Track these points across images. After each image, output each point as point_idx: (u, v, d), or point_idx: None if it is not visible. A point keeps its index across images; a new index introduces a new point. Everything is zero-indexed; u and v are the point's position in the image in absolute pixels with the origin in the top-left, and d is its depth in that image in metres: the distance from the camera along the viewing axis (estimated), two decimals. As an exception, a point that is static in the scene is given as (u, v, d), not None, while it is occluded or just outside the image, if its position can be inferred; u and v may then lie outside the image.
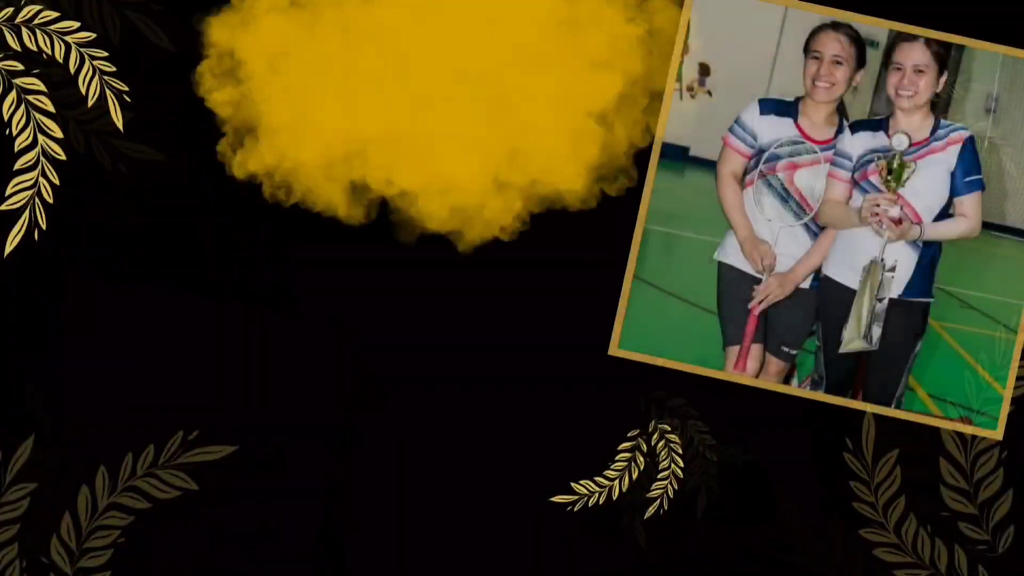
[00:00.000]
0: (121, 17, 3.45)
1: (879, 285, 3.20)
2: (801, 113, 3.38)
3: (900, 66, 3.20)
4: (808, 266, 3.40)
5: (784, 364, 3.50)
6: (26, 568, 3.30)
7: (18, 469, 3.32)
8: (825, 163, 3.34)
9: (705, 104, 3.33)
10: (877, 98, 3.37)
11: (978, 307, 3.29)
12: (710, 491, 3.46)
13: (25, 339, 3.36)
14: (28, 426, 3.35)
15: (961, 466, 3.43)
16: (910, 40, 3.19)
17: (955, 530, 3.44)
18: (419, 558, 3.42)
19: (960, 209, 3.22)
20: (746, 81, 3.32)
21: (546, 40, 3.29)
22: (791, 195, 3.39)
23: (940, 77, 3.21)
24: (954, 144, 3.21)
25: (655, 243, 3.36)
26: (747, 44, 3.31)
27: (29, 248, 3.36)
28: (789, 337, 3.47)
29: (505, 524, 3.45)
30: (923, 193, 3.21)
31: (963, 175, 3.20)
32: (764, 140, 3.38)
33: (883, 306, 3.22)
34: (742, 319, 3.40)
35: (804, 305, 3.43)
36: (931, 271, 3.27)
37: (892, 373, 3.33)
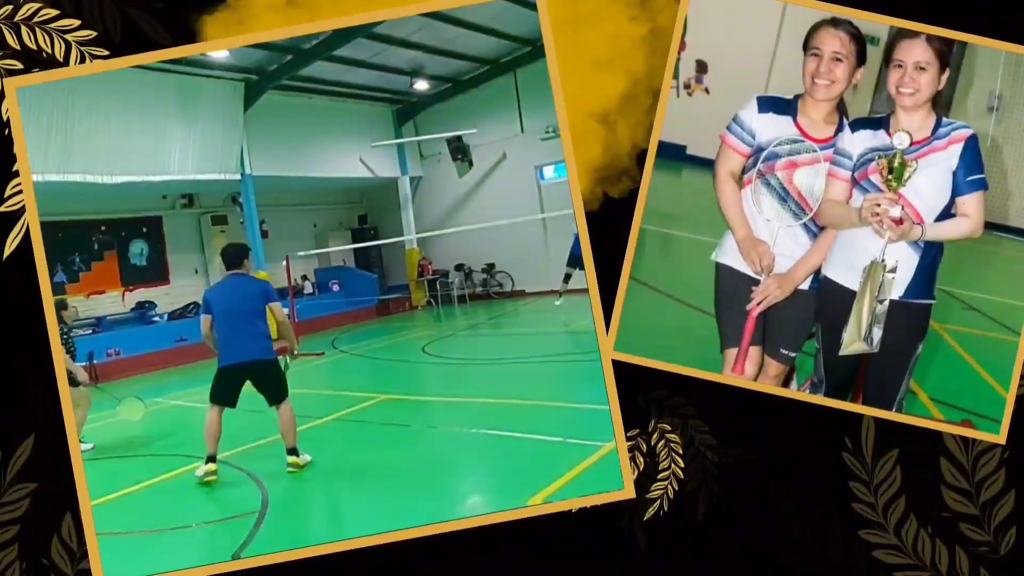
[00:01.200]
0: (122, 15, 3.51)
1: (880, 286, 3.17)
2: (800, 111, 3.36)
3: (901, 63, 3.16)
4: (807, 267, 3.39)
5: (783, 366, 3.51)
6: (26, 570, 3.37)
7: (18, 469, 3.39)
8: (825, 162, 3.32)
9: (703, 102, 3.33)
10: (878, 96, 3.36)
11: (980, 309, 3.29)
12: (710, 491, 3.48)
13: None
14: (28, 426, 3.43)
15: (962, 466, 3.43)
16: (911, 37, 3.15)
17: (956, 531, 3.45)
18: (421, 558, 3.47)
19: (962, 209, 3.18)
20: (744, 78, 3.31)
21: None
22: (790, 194, 3.38)
23: (942, 74, 3.17)
24: (956, 143, 3.18)
25: (652, 244, 3.37)
26: (745, 41, 3.31)
27: (29, 248, 3.43)
28: (788, 339, 3.47)
29: (505, 525, 3.49)
30: (924, 193, 3.18)
31: (965, 174, 3.16)
32: (763, 138, 3.36)
33: (884, 308, 3.19)
34: (740, 321, 3.39)
35: (803, 306, 3.43)
36: (932, 272, 3.24)
37: (893, 376, 3.31)
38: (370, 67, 15.27)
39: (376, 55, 14.71)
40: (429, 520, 3.40)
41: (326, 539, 3.43)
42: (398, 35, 13.94)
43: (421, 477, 5.32)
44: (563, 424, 5.98)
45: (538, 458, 5.25)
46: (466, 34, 14.32)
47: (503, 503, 4.66)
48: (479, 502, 4.78)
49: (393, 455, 6.09)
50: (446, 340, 12.84)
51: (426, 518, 3.41)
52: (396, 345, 12.91)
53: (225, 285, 6.02)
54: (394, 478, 5.36)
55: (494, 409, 7.09)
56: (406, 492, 4.98)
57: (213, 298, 5.96)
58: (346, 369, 11.15)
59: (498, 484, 5.12)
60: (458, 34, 14.24)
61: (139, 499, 5.61)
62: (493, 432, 6.13)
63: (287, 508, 5.06)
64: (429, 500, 4.80)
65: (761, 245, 3.35)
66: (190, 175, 13.82)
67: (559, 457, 4.99)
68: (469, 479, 5.19)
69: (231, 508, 5.13)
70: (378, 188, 18.44)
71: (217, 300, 5.93)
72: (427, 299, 17.51)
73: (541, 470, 4.79)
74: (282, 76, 14.50)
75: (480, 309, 16.07)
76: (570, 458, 4.83)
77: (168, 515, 5.09)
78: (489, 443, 5.97)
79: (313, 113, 16.02)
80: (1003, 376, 3.32)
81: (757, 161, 3.38)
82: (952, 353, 3.33)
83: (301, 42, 13.49)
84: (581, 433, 5.43)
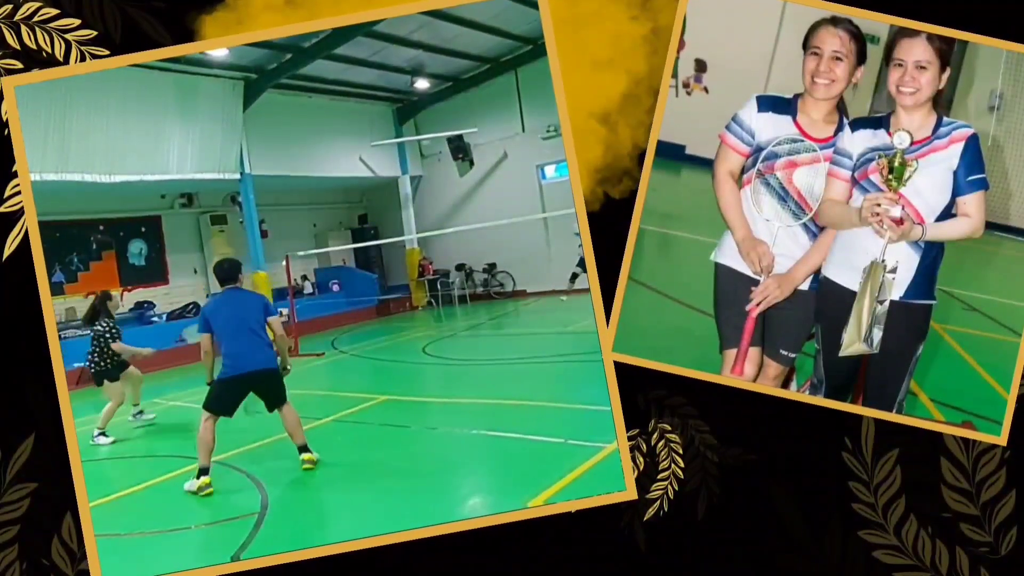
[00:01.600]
0: (123, 14, 3.53)
1: (880, 287, 3.18)
2: (800, 110, 3.38)
3: (902, 62, 3.18)
4: (807, 267, 3.41)
5: (783, 367, 3.52)
6: (26, 570, 3.39)
7: (18, 469, 3.41)
8: (824, 161, 3.34)
9: (702, 101, 3.35)
10: (878, 95, 3.37)
11: (981, 309, 3.30)
12: (710, 491, 3.50)
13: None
14: (28, 426, 3.45)
15: (963, 466, 3.45)
16: (912, 36, 3.16)
17: (956, 531, 3.46)
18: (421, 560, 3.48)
19: (963, 209, 3.19)
20: (744, 78, 3.33)
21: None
22: (790, 194, 3.39)
23: (943, 73, 3.18)
24: (957, 142, 3.19)
25: (651, 244, 3.39)
26: (745, 40, 3.32)
27: (28, 249, 3.44)
28: (788, 340, 3.48)
29: (505, 527, 3.50)
30: (925, 192, 3.20)
31: (966, 174, 3.17)
32: (762, 138, 3.38)
33: (884, 308, 3.20)
34: (740, 322, 3.41)
35: (803, 307, 3.44)
36: (933, 273, 3.25)
37: (893, 377, 3.32)
38: (370, 66, 15.25)
39: (376, 54, 14.69)
40: (429, 522, 3.42)
41: (326, 541, 3.44)
42: (398, 33, 13.92)
43: (421, 478, 5.33)
44: (564, 425, 5.99)
45: (538, 459, 5.26)
46: (467, 32, 14.30)
47: (503, 505, 4.66)
48: (479, 503, 4.79)
49: (393, 456, 6.10)
50: (446, 340, 12.83)
51: (426, 520, 3.43)
52: (396, 345, 12.90)
53: (224, 299, 6.03)
54: (394, 479, 5.37)
55: (494, 410, 7.09)
56: (406, 494, 4.99)
57: (212, 314, 5.96)
58: (346, 370, 11.13)
59: (498, 485, 5.12)
60: (459, 32, 14.23)
61: (139, 500, 5.62)
62: (493, 433, 6.13)
63: (287, 510, 5.07)
64: (429, 502, 4.81)
65: (760, 245, 3.37)
66: (189, 174, 13.80)
67: (560, 458, 5.00)
68: (469, 480, 5.20)
69: (231, 510, 5.13)
70: (378, 187, 18.43)
71: (217, 315, 5.93)
72: (428, 299, 17.50)
73: (542, 471, 4.81)
74: (282, 75, 14.49)
75: (481, 309, 16.05)
76: (571, 459, 4.84)
77: (168, 516, 5.10)
78: (489, 444, 5.98)
79: (313, 112, 16.01)
80: (1004, 377, 3.33)
81: (756, 161, 3.40)
82: (953, 354, 3.34)
83: (301, 41, 13.49)
84: (582, 434, 5.44)
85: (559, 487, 4.39)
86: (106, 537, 3.51)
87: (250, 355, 5.83)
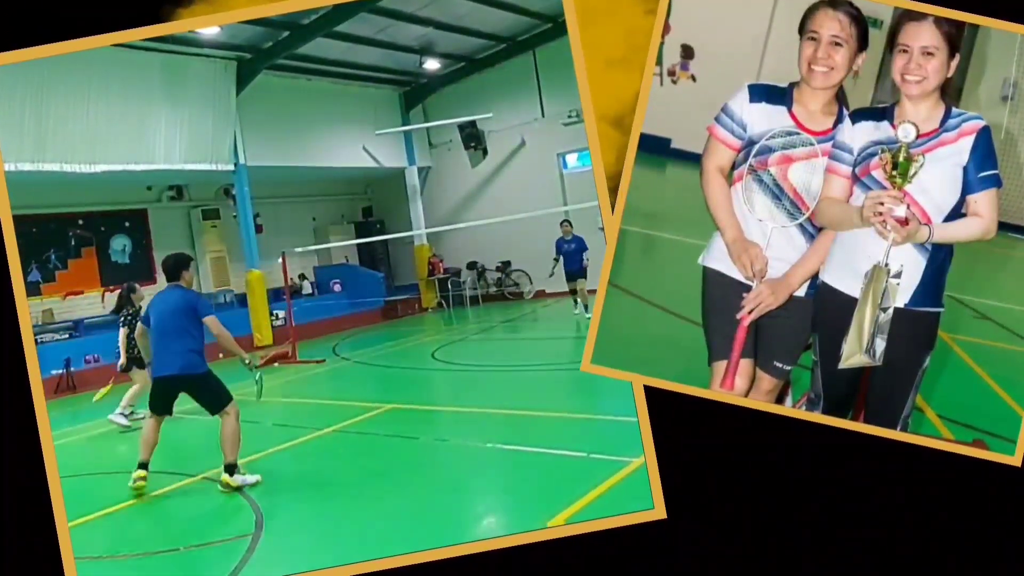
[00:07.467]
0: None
1: (883, 293, 3.18)
2: (796, 100, 3.38)
3: (907, 48, 3.17)
4: (804, 271, 3.40)
5: (777, 381, 3.52)
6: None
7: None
8: (823, 156, 3.34)
9: (689, 90, 3.36)
10: (881, 84, 3.37)
11: (994, 318, 3.28)
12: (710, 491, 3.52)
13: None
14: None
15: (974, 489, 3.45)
16: (918, 19, 3.15)
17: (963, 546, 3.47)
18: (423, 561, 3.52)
19: (973, 208, 3.18)
20: (734, 65, 3.33)
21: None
22: (785, 192, 3.40)
23: (951, 60, 3.18)
24: (967, 135, 3.18)
25: (633, 246, 3.39)
26: (735, 23, 3.32)
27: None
28: (782, 351, 3.48)
29: (523, 547, 3.52)
30: (932, 190, 3.19)
31: (977, 170, 3.16)
32: (754, 131, 3.39)
33: (887, 316, 3.20)
34: (730, 331, 3.40)
35: (799, 315, 3.43)
36: (941, 278, 3.22)
37: (897, 391, 3.31)
38: (375, 45, 15.33)
39: (382, 31, 14.75)
40: (439, 543, 3.45)
41: (326, 564, 3.48)
42: (406, 9, 13.96)
43: (430, 495, 5.36)
44: (585, 437, 6.02)
45: (558, 474, 5.29)
46: (481, 8, 14.35)
47: (521, 524, 4.69)
48: (494, 523, 4.82)
49: (400, 470, 6.14)
50: (457, 345, 12.87)
51: (436, 541, 3.47)
52: (404, 350, 12.97)
53: (160, 297, 6.39)
54: (401, 496, 5.42)
55: (509, 420, 7.14)
56: (414, 511, 5.03)
57: (150, 310, 6.37)
58: (349, 377, 11.21)
59: (515, 503, 5.14)
60: (472, 8, 14.27)
61: (122, 519, 5.68)
62: (508, 446, 6.17)
63: (283, 529, 5.10)
64: (439, 521, 4.84)
65: (753, 248, 3.37)
66: (178, 165, 13.95)
67: (581, 473, 5.03)
68: (483, 497, 5.24)
69: (222, 530, 5.18)
70: (384, 179, 18.53)
71: (151, 313, 6.32)
72: (438, 300, 17.56)
73: (562, 488, 4.84)
74: (278, 55, 14.58)
75: (495, 311, 16.10)
76: (594, 475, 4.87)
77: (154, 537, 5.16)
78: (504, 458, 6.02)
79: (312, 96, 16.12)
80: (1019, 392, 3.33)
81: (748, 155, 3.40)
82: (962, 366, 3.32)
83: (299, 17, 13.54)
84: (605, 447, 5.47)
85: (581, 505, 4.42)
86: (86, 560, 3.54)
87: (165, 359, 6.14)
